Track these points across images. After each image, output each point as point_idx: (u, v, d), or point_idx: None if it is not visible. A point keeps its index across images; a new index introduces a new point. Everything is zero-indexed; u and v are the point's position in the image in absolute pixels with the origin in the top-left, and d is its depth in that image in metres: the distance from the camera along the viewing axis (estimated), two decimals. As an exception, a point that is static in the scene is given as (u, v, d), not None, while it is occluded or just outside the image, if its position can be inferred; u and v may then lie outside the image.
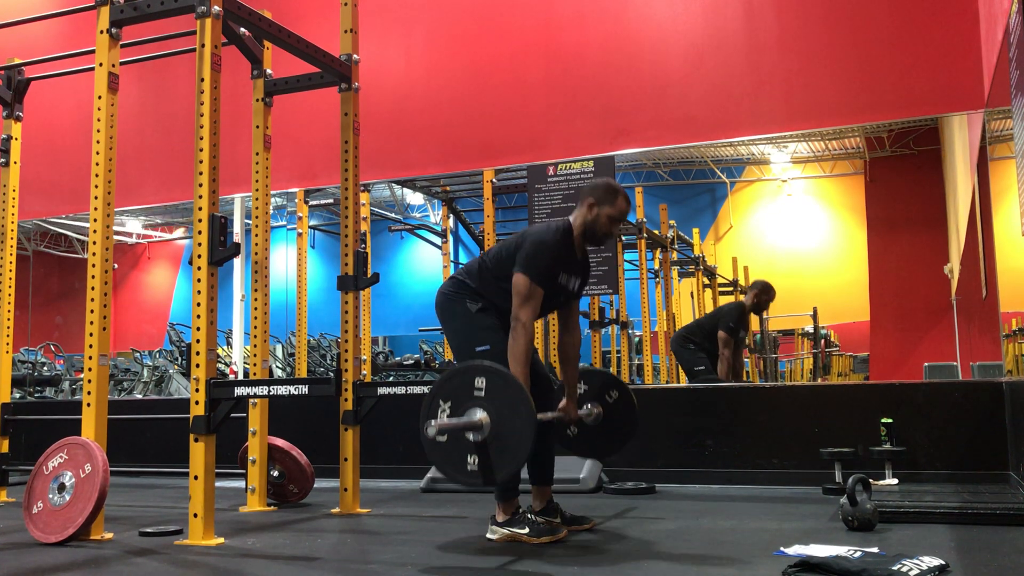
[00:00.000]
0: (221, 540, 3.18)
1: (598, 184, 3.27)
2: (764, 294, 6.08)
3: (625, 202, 3.25)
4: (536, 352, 3.30)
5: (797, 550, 2.67)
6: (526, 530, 3.01)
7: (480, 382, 2.71)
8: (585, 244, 3.25)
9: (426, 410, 2.75)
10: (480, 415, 2.68)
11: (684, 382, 7.73)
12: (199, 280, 3.28)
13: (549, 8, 5.58)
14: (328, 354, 11.36)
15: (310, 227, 9.23)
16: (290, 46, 3.95)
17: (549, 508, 3.22)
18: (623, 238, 8.00)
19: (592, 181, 3.31)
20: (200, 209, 3.31)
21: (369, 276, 4.11)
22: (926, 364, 9.46)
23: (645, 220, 8.26)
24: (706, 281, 10.64)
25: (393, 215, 15.22)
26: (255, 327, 4.18)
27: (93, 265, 3.47)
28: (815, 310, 10.39)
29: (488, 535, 3.09)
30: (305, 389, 3.36)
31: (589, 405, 3.50)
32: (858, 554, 2.53)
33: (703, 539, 3.07)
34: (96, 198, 3.51)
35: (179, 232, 17.82)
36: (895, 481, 4.05)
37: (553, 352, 5.46)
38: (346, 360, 3.98)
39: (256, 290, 4.21)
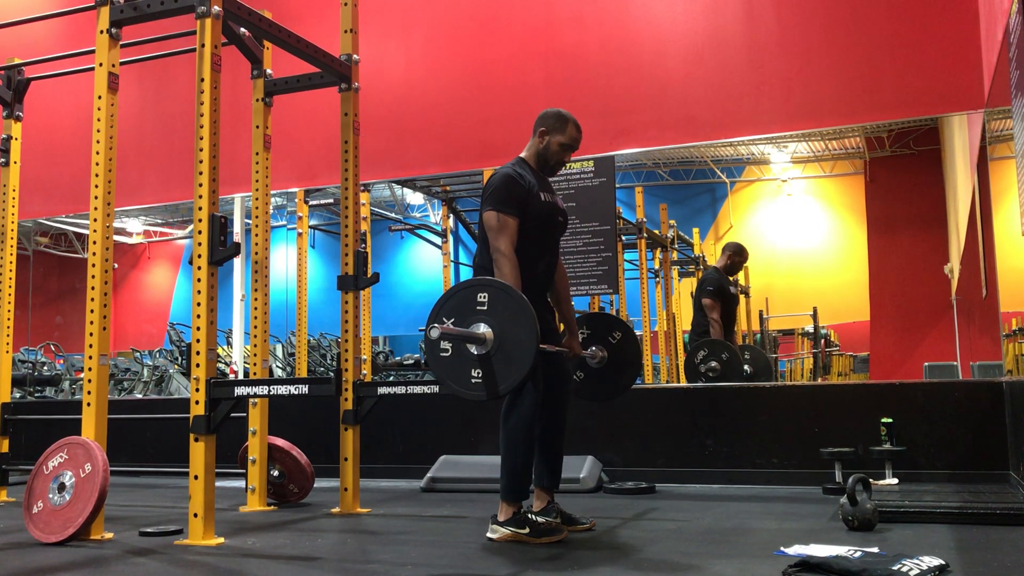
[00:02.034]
0: (221, 540, 3.18)
1: (549, 113, 3.29)
2: (737, 255, 6.07)
3: (576, 130, 3.28)
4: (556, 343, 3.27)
5: (797, 550, 2.67)
6: (527, 530, 3.01)
7: (483, 296, 2.72)
8: (541, 174, 3.29)
9: (430, 322, 2.75)
10: (483, 329, 2.69)
11: (684, 382, 7.73)
12: (199, 280, 3.28)
13: (549, 8, 5.58)
14: (328, 354, 11.35)
15: (310, 227, 9.23)
16: (290, 46, 3.95)
17: (549, 508, 3.22)
18: (623, 238, 8.01)
19: (543, 111, 3.31)
20: (200, 209, 3.31)
21: (369, 276, 4.11)
22: (926, 364, 9.48)
23: (645, 220, 8.26)
24: (706, 281, 10.61)
25: (393, 215, 15.22)
26: (255, 327, 4.18)
27: (93, 265, 3.47)
28: (815, 310, 10.40)
29: (489, 534, 3.09)
30: (305, 389, 3.36)
31: (594, 348, 3.53)
32: (858, 554, 2.53)
33: (703, 539, 3.07)
34: (96, 198, 3.51)
35: (177, 233, 17.81)
36: (895, 481, 4.05)
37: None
38: (346, 360, 3.98)
39: (256, 290, 4.21)
